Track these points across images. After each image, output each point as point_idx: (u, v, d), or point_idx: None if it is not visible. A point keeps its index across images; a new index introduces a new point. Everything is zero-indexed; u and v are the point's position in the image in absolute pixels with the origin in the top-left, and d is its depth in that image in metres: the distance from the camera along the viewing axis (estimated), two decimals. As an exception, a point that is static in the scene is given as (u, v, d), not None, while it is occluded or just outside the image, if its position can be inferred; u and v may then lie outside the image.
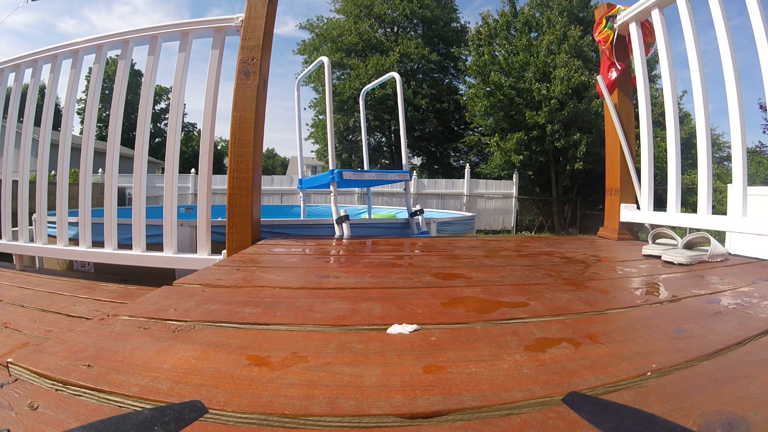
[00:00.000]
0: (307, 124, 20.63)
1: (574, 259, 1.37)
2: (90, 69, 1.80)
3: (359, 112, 15.52)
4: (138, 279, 1.87)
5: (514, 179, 14.55)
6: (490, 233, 14.26)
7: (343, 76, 18.68)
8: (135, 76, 36.27)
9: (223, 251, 1.58)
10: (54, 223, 1.94)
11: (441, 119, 19.80)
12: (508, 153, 13.34)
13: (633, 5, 1.80)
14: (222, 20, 1.57)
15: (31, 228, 2.15)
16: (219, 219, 1.73)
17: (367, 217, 3.27)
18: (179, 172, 1.68)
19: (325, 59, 2.03)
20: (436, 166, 22.11)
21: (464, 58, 17.19)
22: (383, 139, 21.13)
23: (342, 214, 1.92)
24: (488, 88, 13.36)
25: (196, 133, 40.54)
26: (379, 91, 16.71)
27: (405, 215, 6.31)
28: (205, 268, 1.09)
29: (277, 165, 53.05)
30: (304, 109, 20.24)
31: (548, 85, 12.39)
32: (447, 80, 20.78)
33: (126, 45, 1.68)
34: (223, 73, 1.60)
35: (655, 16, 1.70)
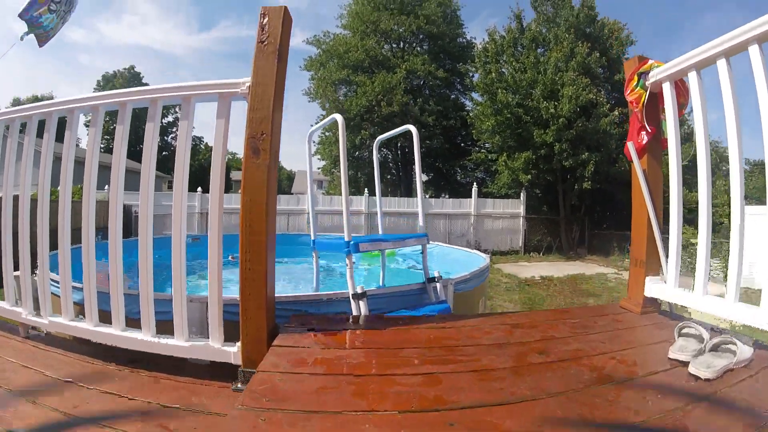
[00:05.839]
0: (314, 142, 20.64)
1: (602, 373, 1.30)
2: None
3: (365, 130, 15.53)
4: (148, 360, 1.71)
5: (521, 198, 14.39)
6: (497, 254, 14.04)
7: (349, 93, 18.73)
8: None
9: (237, 344, 1.45)
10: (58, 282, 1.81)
11: (447, 136, 19.75)
12: (516, 172, 13.22)
13: (668, 64, 1.67)
14: (227, 85, 1.46)
15: (35, 277, 2.02)
16: (232, 297, 1.61)
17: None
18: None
19: (338, 117, 1.91)
20: (442, 183, 22.02)
21: (471, 75, 17.20)
22: (389, 155, 21.12)
23: (359, 291, 1.82)
24: (496, 106, 13.29)
25: (203, 147, 40.85)
26: (386, 108, 16.71)
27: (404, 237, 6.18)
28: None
29: (283, 178, 53.19)
30: (311, 125, 20.32)
31: (556, 103, 12.29)
32: (453, 96, 20.79)
33: (123, 108, 1.57)
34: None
35: (692, 79, 1.58)
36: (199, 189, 13.46)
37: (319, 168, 21.37)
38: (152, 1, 67.73)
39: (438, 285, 2.26)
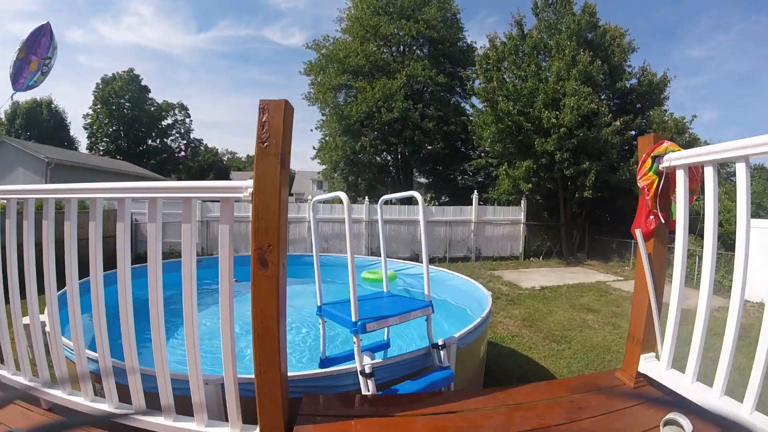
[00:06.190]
0: (314, 147, 20.63)
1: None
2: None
3: (365, 136, 15.42)
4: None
5: (522, 205, 14.40)
6: (498, 260, 14.08)
7: (349, 99, 18.65)
8: (141, 91, 36.71)
9: (256, 429, 1.47)
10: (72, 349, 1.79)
11: (448, 141, 19.71)
12: (517, 181, 13.19)
13: (685, 153, 1.64)
14: (229, 189, 1.42)
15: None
16: (248, 377, 1.60)
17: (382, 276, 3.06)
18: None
19: (343, 197, 1.85)
20: (441, 183, 21.98)
21: (471, 82, 17.07)
22: (389, 158, 21.08)
23: (368, 369, 1.83)
24: (497, 114, 13.22)
25: (202, 149, 40.76)
26: (387, 115, 16.65)
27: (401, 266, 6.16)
28: None
29: (282, 177, 52.92)
30: (311, 130, 20.30)
31: (557, 112, 12.23)
32: (453, 100, 20.73)
33: (122, 204, 1.54)
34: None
35: (708, 173, 1.55)
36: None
37: (319, 173, 21.34)
38: (151, 2, 67.25)
39: (443, 353, 2.25)
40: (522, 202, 14.41)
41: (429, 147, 18.98)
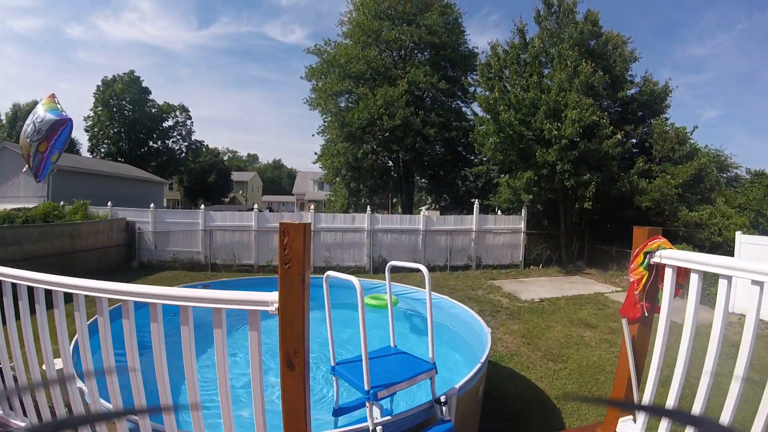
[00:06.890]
0: (315, 153, 20.75)
1: None
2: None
3: (367, 143, 15.47)
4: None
5: (522, 214, 14.53)
6: (498, 268, 14.25)
7: (351, 104, 18.72)
8: (142, 93, 36.74)
9: None
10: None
11: (449, 146, 19.80)
12: (518, 192, 13.30)
13: (676, 254, 1.78)
14: (257, 302, 1.56)
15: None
16: None
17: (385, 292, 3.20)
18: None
19: (356, 283, 2.00)
20: (442, 187, 22.10)
21: (473, 89, 17.14)
22: (390, 163, 21.20)
23: (378, 431, 2.03)
24: (498, 125, 13.30)
25: (203, 150, 40.74)
26: (388, 122, 16.75)
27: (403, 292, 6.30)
28: None
29: (283, 176, 53.19)
30: (312, 135, 20.39)
31: (559, 124, 12.32)
32: (455, 105, 20.80)
33: (154, 308, 1.69)
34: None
35: (694, 281, 1.69)
36: (202, 206, 13.55)
37: (321, 177, 21.45)
38: (151, -3, 67.11)
39: (444, 408, 2.42)
40: (522, 210, 14.55)
41: (430, 152, 19.08)
